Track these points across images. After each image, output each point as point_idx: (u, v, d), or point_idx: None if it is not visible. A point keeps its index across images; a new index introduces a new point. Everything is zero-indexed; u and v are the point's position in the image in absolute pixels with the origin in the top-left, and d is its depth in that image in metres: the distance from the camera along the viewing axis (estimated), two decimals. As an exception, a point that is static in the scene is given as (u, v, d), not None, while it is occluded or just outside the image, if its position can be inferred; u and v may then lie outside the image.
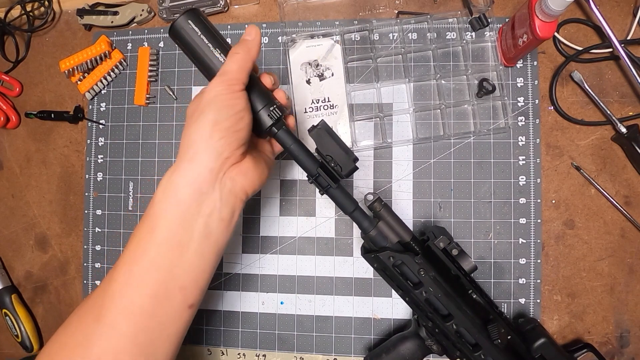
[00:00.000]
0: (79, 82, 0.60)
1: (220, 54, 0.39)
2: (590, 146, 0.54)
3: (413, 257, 0.41)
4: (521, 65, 0.54)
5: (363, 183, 0.56)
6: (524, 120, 0.54)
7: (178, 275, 0.34)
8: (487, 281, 0.53)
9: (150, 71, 0.59)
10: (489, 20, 0.52)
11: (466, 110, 0.55)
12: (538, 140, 0.54)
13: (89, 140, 0.61)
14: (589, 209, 0.53)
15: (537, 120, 0.54)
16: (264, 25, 0.59)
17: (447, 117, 0.55)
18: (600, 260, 0.53)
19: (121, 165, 0.60)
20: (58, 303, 0.62)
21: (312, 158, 0.40)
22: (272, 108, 0.39)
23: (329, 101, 0.55)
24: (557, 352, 0.46)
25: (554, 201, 0.53)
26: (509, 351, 0.44)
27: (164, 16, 0.59)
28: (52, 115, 0.61)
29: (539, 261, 0.53)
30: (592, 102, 0.53)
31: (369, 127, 0.56)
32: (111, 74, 0.60)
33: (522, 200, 0.53)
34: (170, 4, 0.58)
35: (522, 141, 0.54)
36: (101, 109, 0.61)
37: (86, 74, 0.60)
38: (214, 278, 0.53)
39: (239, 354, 0.57)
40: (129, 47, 0.61)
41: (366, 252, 0.44)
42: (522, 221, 0.53)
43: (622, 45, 0.50)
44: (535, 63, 0.54)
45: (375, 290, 0.55)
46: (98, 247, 0.60)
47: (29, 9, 0.61)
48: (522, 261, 0.53)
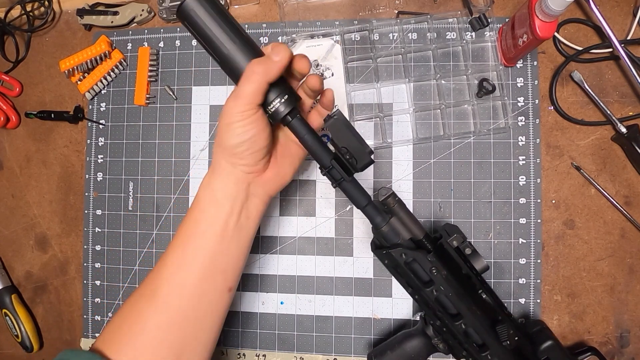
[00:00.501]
0: (79, 82, 0.60)
1: (232, 37, 0.37)
2: (590, 146, 0.54)
3: (425, 255, 0.40)
4: (521, 65, 0.54)
5: (363, 183, 0.55)
6: (524, 120, 0.54)
7: (219, 260, 0.40)
8: (488, 281, 0.53)
9: (150, 71, 0.59)
10: (489, 20, 0.52)
11: (466, 110, 0.55)
12: (538, 140, 0.54)
13: (89, 140, 0.61)
14: (589, 209, 0.53)
15: (537, 120, 0.54)
16: (264, 25, 0.59)
17: (447, 117, 0.55)
18: (600, 260, 0.53)
19: (121, 165, 0.60)
20: (58, 303, 0.62)
21: (326, 149, 0.39)
22: (285, 97, 0.37)
23: (329, 101, 0.55)
24: (563, 355, 0.46)
25: (554, 201, 0.53)
26: (515, 353, 0.43)
27: (164, 16, 0.59)
28: (52, 115, 0.61)
29: (539, 261, 0.53)
30: (592, 102, 0.53)
31: (369, 127, 0.56)
32: (111, 74, 0.60)
33: (522, 200, 0.53)
34: (170, 4, 0.58)
35: (522, 141, 0.54)
36: (101, 109, 0.61)
37: (86, 74, 0.60)
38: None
39: (239, 354, 0.57)
40: (129, 47, 0.61)
41: (377, 247, 0.43)
42: (522, 221, 0.53)
43: (622, 45, 0.50)
44: (535, 63, 0.54)
45: (375, 290, 0.55)
46: (98, 247, 0.60)
47: (29, 9, 0.61)
48: (522, 261, 0.53)
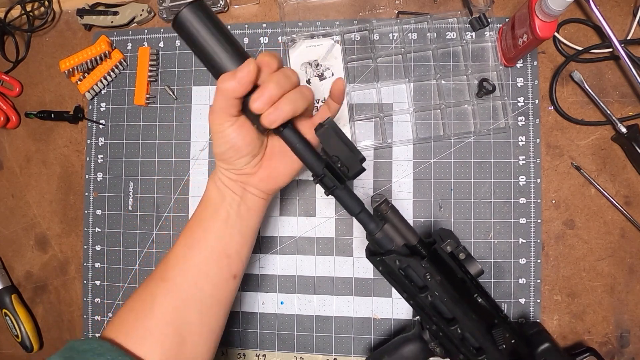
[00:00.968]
0: (79, 82, 0.60)
1: (226, 49, 0.37)
2: (590, 146, 0.54)
3: (419, 260, 0.40)
4: (521, 65, 0.54)
5: (363, 183, 0.56)
6: (524, 120, 0.54)
7: (224, 243, 0.42)
8: (487, 281, 0.53)
9: (150, 71, 0.59)
10: (489, 20, 0.52)
11: (466, 110, 0.55)
12: (538, 140, 0.54)
13: (89, 140, 0.61)
14: (589, 209, 0.53)
15: (537, 120, 0.54)
16: (264, 25, 0.59)
17: (447, 117, 0.55)
18: (600, 260, 0.53)
19: (121, 165, 0.60)
20: (58, 303, 0.62)
21: (318, 158, 0.39)
22: None
23: (329, 101, 0.55)
24: (560, 357, 0.46)
25: (554, 201, 0.53)
26: (512, 355, 0.43)
27: (164, 16, 0.59)
28: (52, 115, 0.61)
29: (539, 261, 0.53)
30: (592, 102, 0.53)
31: (369, 127, 0.56)
32: (111, 74, 0.60)
33: (522, 200, 0.53)
34: (170, 4, 0.58)
35: (522, 141, 0.54)
36: (101, 109, 0.61)
37: (86, 74, 0.60)
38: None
39: (239, 354, 0.57)
40: (129, 47, 0.61)
41: (371, 254, 0.43)
42: (522, 221, 0.53)
43: (622, 45, 0.50)
44: (535, 63, 0.54)
45: (375, 290, 0.55)
46: (98, 247, 0.60)
47: (29, 9, 0.61)
48: (522, 261, 0.53)
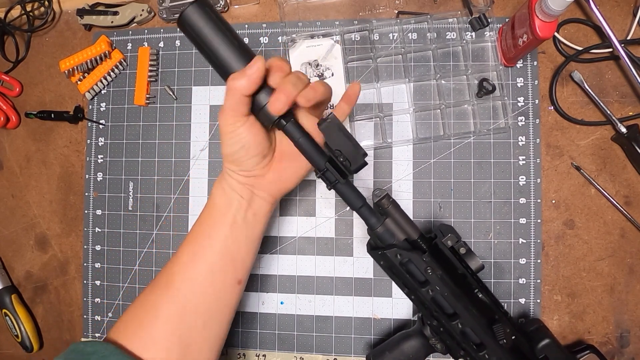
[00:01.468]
0: (79, 82, 0.60)
1: (232, 46, 0.37)
2: (590, 146, 0.54)
3: (420, 255, 0.41)
4: (521, 65, 0.54)
5: (363, 183, 0.56)
6: (524, 120, 0.54)
7: (229, 250, 0.41)
8: (487, 281, 0.53)
9: (150, 71, 0.59)
10: (489, 20, 0.52)
11: (466, 110, 0.55)
12: (538, 140, 0.54)
13: (89, 140, 0.61)
14: (589, 209, 0.53)
15: (537, 120, 0.54)
16: (264, 25, 0.59)
17: (447, 117, 0.55)
18: (600, 260, 0.53)
19: (121, 165, 0.60)
20: (58, 303, 0.62)
21: (320, 152, 0.39)
22: None
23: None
24: (560, 353, 0.46)
25: (554, 201, 0.53)
26: (513, 351, 0.44)
27: (164, 16, 0.59)
28: (52, 115, 0.61)
29: (539, 261, 0.53)
30: (592, 102, 0.53)
31: (369, 127, 0.56)
32: (111, 74, 0.60)
33: (522, 200, 0.53)
34: (170, 4, 0.58)
35: (522, 141, 0.54)
36: (101, 109, 0.61)
37: (86, 74, 0.60)
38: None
39: (239, 354, 0.57)
40: (129, 47, 0.61)
41: (372, 248, 0.43)
42: (522, 221, 0.53)
43: (622, 45, 0.50)
44: (535, 63, 0.54)
45: (375, 290, 0.55)
46: (98, 247, 0.60)
47: (29, 9, 0.61)
48: (522, 261, 0.53)
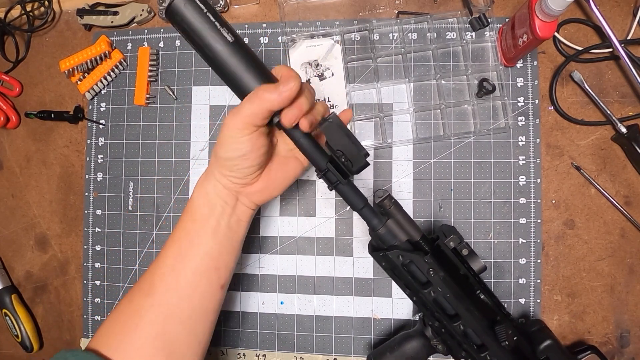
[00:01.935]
0: (79, 82, 0.60)
1: (220, 37, 0.36)
2: (590, 146, 0.54)
3: (422, 256, 0.40)
4: (521, 65, 0.54)
5: (363, 183, 0.56)
6: (524, 120, 0.54)
7: (212, 256, 0.41)
8: (488, 281, 0.53)
9: (150, 71, 0.59)
10: (489, 20, 0.52)
11: (466, 110, 0.55)
12: (538, 140, 0.54)
13: (89, 140, 0.61)
14: (589, 209, 0.53)
15: (537, 120, 0.54)
16: (264, 25, 0.59)
17: (447, 117, 0.55)
18: (600, 260, 0.53)
19: (121, 165, 0.60)
20: (58, 303, 0.62)
21: (321, 152, 0.39)
22: None
23: (329, 101, 0.55)
24: (562, 354, 0.46)
25: (554, 201, 0.53)
26: (514, 352, 0.43)
27: (164, 16, 0.59)
28: (52, 115, 0.61)
29: (539, 261, 0.53)
30: (592, 102, 0.53)
31: (369, 127, 0.56)
32: (111, 74, 0.60)
33: (522, 200, 0.53)
34: (170, 4, 0.58)
35: (522, 141, 0.54)
36: (101, 109, 0.61)
37: (86, 74, 0.60)
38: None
39: (239, 354, 0.57)
40: (129, 47, 0.61)
41: (374, 250, 0.43)
42: (522, 221, 0.53)
43: (622, 45, 0.50)
44: (535, 63, 0.54)
45: (375, 290, 0.55)
46: (98, 247, 0.60)
47: (29, 9, 0.61)
48: (522, 261, 0.53)
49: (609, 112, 0.52)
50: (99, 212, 0.60)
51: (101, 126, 0.61)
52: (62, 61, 0.59)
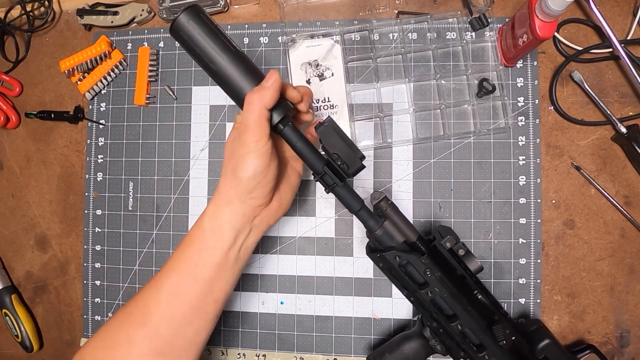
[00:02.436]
0: (79, 82, 0.60)
1: (223, 53, 0.38)
2: (590, 146, 0.54)
3: (419, 257, 0.41)
4: (521, 65, 0.54)
5: (363, 183, 0.56)
6: (524, 120, 0.54)
7: (215, 289, 0.40)
8: (487, 281, 0.53)
9: (150, 71, 0.59)
10: (489, 20, 0.52)
11: (466, 110, 0.55)
12: (538, 140, 0.54)
13: (89, 140, 0.61)
14: (589, 209, 0.53)
15: (537, 120, 0.54)
16: (264, 25, 0.59)
17: (447, 117, 0.55)
18: (600, 260, 0.53)
19: (121, 165, 0.60)
20: (58, 303, 0.62)
21: (318, 156, 0.40)
22: (277, 105, 0.39)
23: (329, 101, 0.55)
24: (560, 353, 0.46)
25: (554, 201, 0.53)
26: (513, 352, 0.44)
27: (164, 16, 0.59)
28: (52, 115, 0.61)
29: (539, 261, 0.53)
30: (592, 102, 0.53)
31: (369, 127, 0.56)
32: (111, 74, 0.60)
33: (522, 200, 0.53)
34: (170, 4, 0.58)
35: (522, 141, 0.54)
36: (101, 109, 0.61)
37: (86, 74, 0.60)
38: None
39: (239, 354, 0.57)
40: (129, 47, 0.61)
41: (371, 251, 0.43)
42: (522, 221, 0.53)
43: (622, 45, 0.50)
44: (535, 63, 0.54)
45: (375, 290, 0.55)
46: (98, 247, 0.60)
47: (29, 9, 0.61)
48: (522, 261, 0.53)
49: (609, 112, 0.52)
50: (99, 212, 0.60)
51: (101, 126, 0.61)
52: (62, 61, 0.59)
